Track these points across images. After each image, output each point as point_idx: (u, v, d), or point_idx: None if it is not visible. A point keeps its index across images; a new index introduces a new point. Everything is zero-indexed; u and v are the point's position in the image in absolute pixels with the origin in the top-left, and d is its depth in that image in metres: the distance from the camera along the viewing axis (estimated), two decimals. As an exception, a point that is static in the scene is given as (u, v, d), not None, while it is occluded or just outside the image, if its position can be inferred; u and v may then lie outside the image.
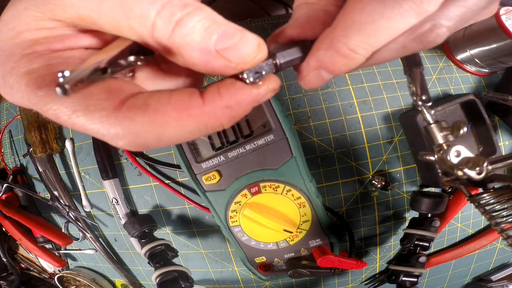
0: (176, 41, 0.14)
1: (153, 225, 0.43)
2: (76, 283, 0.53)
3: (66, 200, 0.47)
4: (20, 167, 0.50)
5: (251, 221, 0.34)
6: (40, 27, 0.15)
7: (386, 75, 0.45)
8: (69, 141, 0.46)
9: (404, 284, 0.41)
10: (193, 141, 0.34)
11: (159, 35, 0.14)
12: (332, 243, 0.36)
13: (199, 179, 0.34)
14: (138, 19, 0.13)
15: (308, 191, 0.34)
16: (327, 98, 0.44)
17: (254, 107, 0.16)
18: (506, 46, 0.40)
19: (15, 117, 0.50)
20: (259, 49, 0.15)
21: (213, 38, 0.13)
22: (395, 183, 0.44)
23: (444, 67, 0.46)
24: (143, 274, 0.50)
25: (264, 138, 0.33)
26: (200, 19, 0.13)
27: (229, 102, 0.14)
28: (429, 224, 0.40)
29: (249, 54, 0.14)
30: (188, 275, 0.41)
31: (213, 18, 0.14)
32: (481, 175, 0.24)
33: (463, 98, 0.41)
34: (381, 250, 0.46)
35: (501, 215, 0.29)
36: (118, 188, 0.44)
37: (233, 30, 0.14)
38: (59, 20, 0.15)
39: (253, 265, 0.38)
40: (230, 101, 0.14)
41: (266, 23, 0.48)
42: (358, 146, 0.43)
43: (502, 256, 0.49)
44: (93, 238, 0.48)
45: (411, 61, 0.26)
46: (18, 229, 0.47)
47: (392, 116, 0.44)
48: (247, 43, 0.14)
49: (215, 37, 0.13)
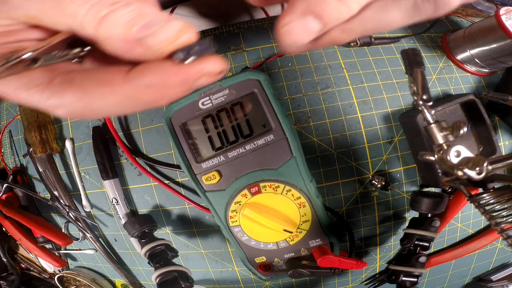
0: (100, 34, 0.16)
1: (153, 225, 0.43)
2: (76, 283, 0.53)
3: (66, 200, 0.47)
4: (20, 167, 0.50)
5: (251, 221, 0.34)
6: None
7: (386, 75, 0.45)
8: (69, 141, 0.46)
9: (404, 284, 0.41)
10: (193, 141, 0.34)
11: (88, 30, 0.16)
12: (332, 243, 0.36)
13: (199, 179, 0.34)
14: (71, 18, 0.16)
15: (308, 191, 0.34)
16: (327, 98, 0.44)
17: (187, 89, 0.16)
18: (506, 46, 0.40)
19: (15, 117, 0.50)
20: (180, 33, 0.16)
21: (134, 28, 0.15)
22: (395, 183, 0.44)
23: (444, 67, 0.46)
24: (143, 274, 0.50)
25: (264, 138, 0.33)
26: (124, 14, 0.15)
27: (151, 81, 0.16)
28: (429, 224, 0.40)
29: (167, 39, 0.15)
30: (188, 275, 0.41)
31: (139, 12, 0.15)
32: (481, 175, 0.24)
33: (463, 98, 0.41)
34: (381, 250, 0.46)
35: (501, 215, 0.29)
36: (118, 188, 0.44)
37: (157, 19, 0.15)
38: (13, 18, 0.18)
39: (253, 265, 0.38)
40: (151, 80, 0.16)
41: (266, 23, 0.48)
42: (358, 146, 0.43)
43: (502, 256, 0.49)
44: (93, 238, 0.48)
45: (412, 61, 0.26)
46: (18, 229, 0.47)
47: (392, 116, 0.44)
48: (167, 29, 0.15)
49: (136, 28, 0.15)
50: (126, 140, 0.45)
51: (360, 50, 0.46)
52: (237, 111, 0.33)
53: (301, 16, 0.15)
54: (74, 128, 0.47)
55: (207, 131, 0.34)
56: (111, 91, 0.16)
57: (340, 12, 0.15)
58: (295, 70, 0.44)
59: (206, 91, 0.33)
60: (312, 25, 0.15)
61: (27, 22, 0.18)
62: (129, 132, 0.45)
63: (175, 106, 0.33)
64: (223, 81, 0.32)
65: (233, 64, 0.45)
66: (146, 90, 0.16)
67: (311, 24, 0.15)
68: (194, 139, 0.34)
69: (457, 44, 0.45)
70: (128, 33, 0.15)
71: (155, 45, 0.16)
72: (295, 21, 0.15)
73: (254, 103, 0.33)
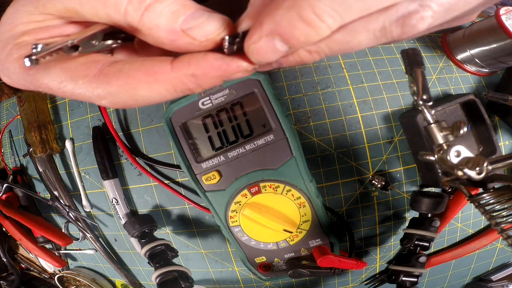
0: (145, 24, 0.16)
1: (153, 225, 0.43)
2: (76, 283, 0.53)
3: (66, 200, 0.47)
4: (20, 167, 0.50)
5: (251, 221, 0.34)
6: (30, 20, 0.18)
7: (386, 75, 0.45)
8: (69, 141, 0.46)
9: (404, 284, 0.41)
10: (193, 141, 0.34)
11: (131, 20, 0.16)
12: (332, 243, 0.36)
13: (199, 179, 0.34)
14: (113, 7, 0.16)
15: (308, 191, 0.34)
16: (327, 98, 0.44)
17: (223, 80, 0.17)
18: (506, 46, 0.40)
19: (15, 117, 0.50)
20: (223, 27, 0.16)
21: (179, 19, 0.16)
22: (395, 183, 0.44)
23: (444, 67, 0.46)
24: (143, 274, 0.50)
25: (264, 138, 0.33)
26: (168, 4, 0.16)
27: (196, 71, 0.16)
28: (429, 224, 0.40)
29: (213, 31, 0.16)
30: (188, 275, 0.41)
31: (182, 3, 0.16)
32: (481, 175, 0.24)
33: (463, 98, 0.41)
34: (381, 250, 0.46)
35: (501, 215, 0.29)
36: (118, 188, 0.44)
37: (201, 12, 0.16)
38: (49, 13, 0.18)
39: (253, 265, 0.38)
40: (196, 70, 0.16)
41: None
42: (358, 146, 0.43)
43: (502, 256, 0.49)
44: (93, 238, 0.48)
45: (413, 61, 0.26)
46: (18, 229, 0.47)
47: (392, 116, 0.44)
48: (211, 22, 0.16)
49: (181, 18, 0.16)
50: (126, 140, 0.45)
51: (360, 50, 0.46)
52: (237, 111, 0.33)
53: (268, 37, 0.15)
54: (74, 128, 0.47)
55: (207, 131, 0.34)
56: (157, 80, 0.17)
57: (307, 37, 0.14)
58: (295, 70, 0.44)
59: (206, 91, 0.33)
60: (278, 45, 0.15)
61: (64, 16, 0.18)
62: (129, 132, 0.45)
63: (175, 106, 0.33)
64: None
65: (233, 64, 0.45)
66: (190, 79, 0.17)
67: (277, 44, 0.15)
68: (194, 139, 0.34)
69: (457, 44, 0.45)
70: (173, 23, 0.16)
71: (200, 37, 0.16)
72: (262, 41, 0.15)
73: (254, 103, 0.33)
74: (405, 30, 0.15)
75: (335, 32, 0.15)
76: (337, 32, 0.15)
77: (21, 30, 0.18)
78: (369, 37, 0.15)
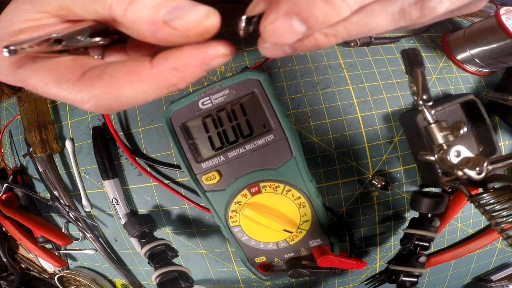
0: (128, 17, 0.16)
1: (153, 225, 0.43)
2: (76, 283, 0.53)
3: (66, 200, 0.47)
4: (20, 167, 0.50)
5: (251, 221, 0.34)
6: (27, 18, 0.18)
7: (386, 75, 0.45)
8: (69, 141, 0.46)
9: (404, 284, 0.41)
10: (193, 141, 0.34)
11: (115, 14, 0.16)
12: (332, 243, 0.36)
13: (199, 179, 0.34)
14: (100, 3, 0.16)
15: (308, 191, 0.34)
16: (327, 98, 0.44)
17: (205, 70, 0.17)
18: (506, 46, 0.40)
19: (15, 117, 0.50)
20: (206, 17, 0.16)
21: (161, 11, 0.16)
22: (395, 183, 0.44)
23: (444, 67, 0.46)
24: (143, 274, 0.50)
25: (264, 138, 0.33)
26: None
27: (175, 64, 0.17)
28: (429, 224, 0.40)
29: (193, 21, 0.16)
30: (188, 275, 0.41)
31: None
32: (481, 175, 0.24)
33: (463, 98, 0.41)
34: (381, 250, 0.46)
35: (501, 215, 0.29)
36: (118, 188, 0.44)
37: (185, 4, 0.16)
38: (45, 12, 0.18)
39: (253, 265, 0.38)
40: (176, 63, 0.17)
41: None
42: (358, 146, 0.43)
43: (502, 256, 0.49)
44: (93, 238, 0.48)
45: (413, 61, 0.26)
46: (18, 229, 0.47)
47: (392, 116, 0.44)
48: (194, 13, 0.16)
49: (164, 10, 0.16)
50: (126, 140, 0.45)
51: (360, 50, 0.46)
52: (237, 111, 0.33)
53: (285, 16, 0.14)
54: (74, 128, 0.47)
55: (207, 131, 0.34)
56: (140, 79, 0.17)
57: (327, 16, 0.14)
58: (295, 70, 0.44)
59: (206, 91, 0.33)
60: (295, 26, 0.14)
61: (59, 14, 0.18)
62: (129, 132, 0.45)
63: (175, 106, 0.33)
64: (223, 81, 0.32)
65: (233, 64, 0.45)
66: (171, 73, 0.17)
67: (295, 25, 0.14)
68: (194, 139, 0.34)
69: (457, 44, 0.45)
70: (155, 15, 0.16)
71: (181, 27, 0.16)
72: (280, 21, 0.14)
73: (254, 103, 0.33)
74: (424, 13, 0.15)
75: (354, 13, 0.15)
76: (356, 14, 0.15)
77: (17, 28, 0.18)
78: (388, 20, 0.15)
